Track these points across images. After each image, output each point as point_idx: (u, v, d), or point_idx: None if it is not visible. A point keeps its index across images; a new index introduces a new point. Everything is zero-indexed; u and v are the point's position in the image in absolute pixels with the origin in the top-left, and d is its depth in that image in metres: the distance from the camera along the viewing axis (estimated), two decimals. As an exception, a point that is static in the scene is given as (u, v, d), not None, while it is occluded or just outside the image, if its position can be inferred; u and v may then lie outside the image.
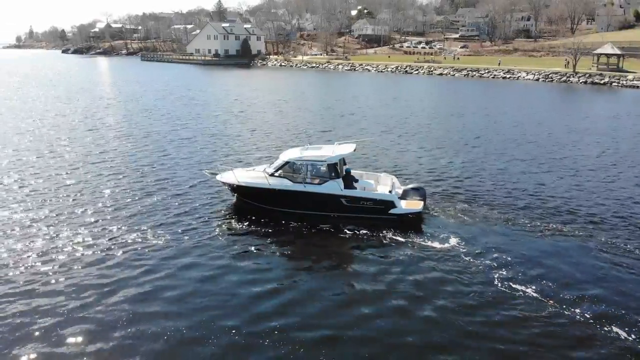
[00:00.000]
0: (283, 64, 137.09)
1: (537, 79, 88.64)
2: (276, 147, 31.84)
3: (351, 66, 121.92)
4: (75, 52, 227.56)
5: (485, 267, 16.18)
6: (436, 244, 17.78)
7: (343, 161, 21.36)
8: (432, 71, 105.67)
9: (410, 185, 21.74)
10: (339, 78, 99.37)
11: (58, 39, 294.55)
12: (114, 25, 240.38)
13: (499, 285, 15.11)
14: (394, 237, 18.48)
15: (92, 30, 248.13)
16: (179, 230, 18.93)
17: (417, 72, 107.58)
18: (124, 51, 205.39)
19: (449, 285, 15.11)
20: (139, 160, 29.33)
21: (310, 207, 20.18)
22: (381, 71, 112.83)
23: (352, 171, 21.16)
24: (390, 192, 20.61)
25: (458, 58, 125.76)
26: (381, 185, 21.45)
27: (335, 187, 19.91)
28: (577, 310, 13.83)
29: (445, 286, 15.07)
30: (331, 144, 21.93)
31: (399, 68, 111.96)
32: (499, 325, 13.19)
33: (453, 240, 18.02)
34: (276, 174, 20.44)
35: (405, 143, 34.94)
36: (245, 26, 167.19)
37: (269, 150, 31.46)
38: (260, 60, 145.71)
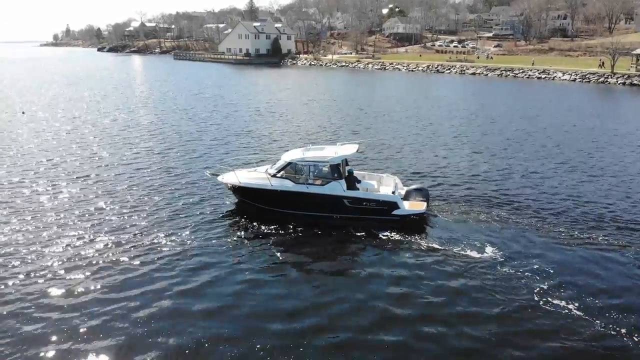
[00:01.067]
0: (313, 63, 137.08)
1: (574, 80, 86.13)
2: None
3: (381, 65, 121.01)
4: (110, 50, 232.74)
5: (489, 268, 16.16)
6: (440, 246, 17.67)
7: (345, 162, 21.14)
8: (464, 70, 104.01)
9: (413, 186, 21.51)
10: (369, 77, 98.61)
11: (94, 37, 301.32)
12: (148, 24, 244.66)
13: (504, 285, 15.08)
14: (397, 238, 18.38)
15: (127, 29, 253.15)
16: (180, 232, 18.84)
17: (449, 71, 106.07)
18: (158, 50, 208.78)
19: (454, 288, 15.01)
20: (155, 158, 29.75)
21: (313, 209, 20.06)
22: (412, 70, 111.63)
23: (354, 172, 20.99)
24: (393, 193, 20.48)
25: (491, 57, 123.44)
26: (384, 186, 21.35)
27: (337, 188, 19.78)
28: (596, 315, 13.56)
29: (450, 288, 14.97)
30: (333, 145, 21.86)
31: (431, 67, 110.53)
32: (509, 328, 13.13)
33: (456, 242, 17.91)
34: (278, 175, 20.29)
35: (425, 144, 34.30)
36: (276, 25, 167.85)
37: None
38: (290, 60, 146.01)
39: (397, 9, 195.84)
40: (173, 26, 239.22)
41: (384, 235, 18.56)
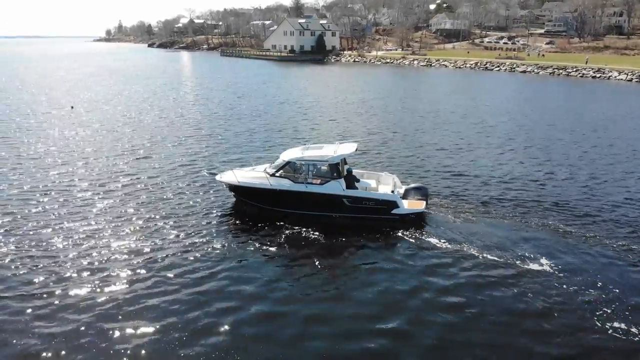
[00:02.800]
0: (357, 59, 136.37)
1: (630, 80, 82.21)
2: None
3: (427, 62, 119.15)
4: (160, 46, 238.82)
5: (488, 266, 16.20)
6: (439, 245, 17.68)
7: (344, 161, 20.96)
8: (514, 68, 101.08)
9: (412, 185, 21.42)
10: (414, 74, 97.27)
11: (145, 34, 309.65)
12: (196, 21, 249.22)
13: (505, 284, 15.18)
14: (396, 237, 18.41)
15: (176, 26, 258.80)
16: (177, 232, 18.81)
17: (498, 68, 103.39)
18: (205, 46, 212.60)
19: (454, 287, 15.02)
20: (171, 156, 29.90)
21: (312, 208, 19.95)
22: (459, 67, 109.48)
23: (352, 171, 20.83)
24: (392, 192, 20.43)
25: (543, 55, 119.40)
26: (382, 184, 21.32)
27: (337, 187, 19.67)
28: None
29: (450, 288, 15.00)
30: (332, 144, 21.67)
31: (479, 64, 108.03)
32: (509, 327, 13.23)
33: (456, 241, 17.90)
34: (277, 174, 20.16)
35: (459, 146, 33.43)
36: (321, 22, 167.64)
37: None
38: (334, 56, 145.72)
39: (444, 5, 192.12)
40: (220, 23, 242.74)
41: (383, 235, 18.60)
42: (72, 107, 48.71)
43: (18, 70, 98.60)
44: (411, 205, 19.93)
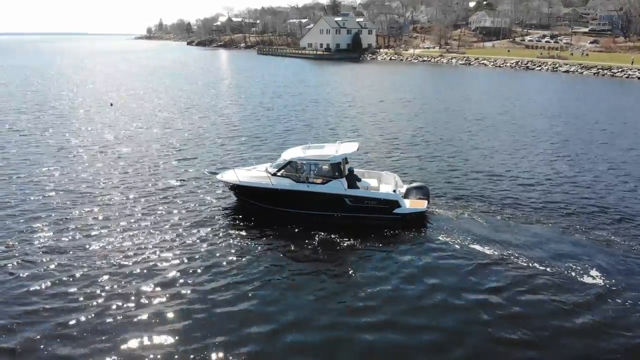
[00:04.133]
0: (393, 57, 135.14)
1: (682, 80, 78.54)
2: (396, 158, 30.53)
3: (466, 60, 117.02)
4: (198, 44, 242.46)
5: (490, 266, 16.19)
6: (441, 245, 17.63)
7: (345, 160, 20.75)
8: (556, 68, 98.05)
9: (414, 184, 21.31)
10: (452, 73, 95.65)
11: (184, 31, 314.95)
12: (234, 19, 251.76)
13: (505, 283, 15.16)
14: (398, 237, 18.39)
15: (215, 24, 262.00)
16: (178, 231, 18.74)
17: (539, 68, 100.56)
18: (243, 44, 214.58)
19: (456, 287, 14.98)
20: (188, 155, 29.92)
21: (313, 207, 19.83)
22: (499, 66, 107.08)
23: (354, 170, 20.71)
24: (394, 191, 20.34)
25: (587, 54, 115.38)
26: (384, 184, 21.26)
27: (338, 186, 19.55)
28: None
29: (451, 287, 14.94)
30: (334, 143, 21.59)
31: (520, 63, 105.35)
32: (513, 328, 13.12)
33: (458, 241, 17.84)
34: (278, 174, 20.04)
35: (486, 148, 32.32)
36: (358, 20, 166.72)
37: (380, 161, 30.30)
38: (370, 54, 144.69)
39: (485, 2, 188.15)
40: (258, 21, 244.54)
41: (384, 234, 18.51)
42: (111, 104, 49.73)
43: (63, 66, 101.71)
44: (413, 204, 19.85)
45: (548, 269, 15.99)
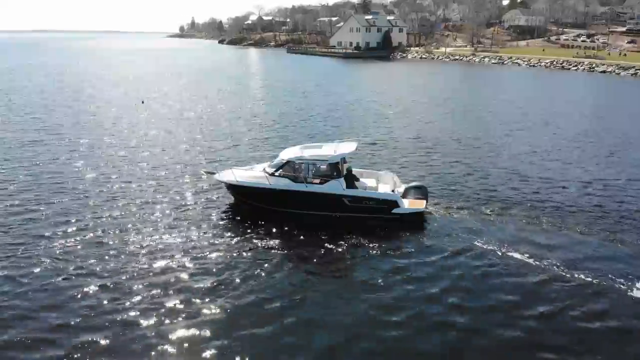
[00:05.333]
0: (424, 56, 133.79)
1: None
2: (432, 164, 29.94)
3: (499, 59, 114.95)
4: (229, 42, 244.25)
5: (489, 266, 16.15)
6: (440, 244, 17.59)
7: (344, 160, 20.69)
8: (593, 68, 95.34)
9: (412, 184, 21.22)
10: (485, 72, 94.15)
11: (216, 30, 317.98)
12: (265, 18, 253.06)
13: (507, 283, 15.13)
14: (396, 237, 18.39)
15: (246, 23, 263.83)
16: (174, 230, 18.68)
17: (575, 68, 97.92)
18: (273, 43, 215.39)
19: (456, 287, 14.93)
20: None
21: (312, 207, 19.78)
22: (533, 66, 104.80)
23: (352, 170, 20.64)
24: (393, 191, 20.33)
25: (625, 54, 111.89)
26: (382, 184, 21.19)
27: (337, 186, 19.50)
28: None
29: (451, 288, 14.88)
30: (332, 143, 21.49)
31: (555, 63, 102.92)
32: (511, 327, 13.13)
33: (456, 240, 17.85)
34: (276, 174, 19.92)
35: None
36: (389, 18, 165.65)
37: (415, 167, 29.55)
38: (400, 53, 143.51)
39: (519, 0, 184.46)
40: (288, 20, 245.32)
41: (383, 234, 18.49)
42: (142, 102, 50.48)
43: (96, 64, 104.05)
44: (412, 204, 19.81)
45: (548, 269, 15.98)
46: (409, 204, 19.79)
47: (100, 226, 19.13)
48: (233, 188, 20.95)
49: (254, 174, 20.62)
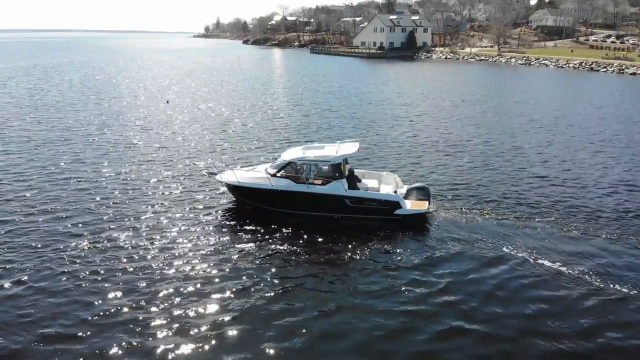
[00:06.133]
0: (449, 56, 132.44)
1: None
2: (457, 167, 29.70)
3: (526, 60, 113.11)
4: (253, 43, 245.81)
5: (492, 267, 15.99)
6: (442, 246, 17.43)
7: (345, 161, 20.62)
8: (623, 69, 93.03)
9: (415, 185, 21.10)
10: (511, 73, 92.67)
11: (240, 30, 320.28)
12: (289, 18, 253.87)
13: (508, 283, 15.07)
14: (398, 238, 18.25)
15: (270, 23, 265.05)
16: (175, 231, 18.51)
17: (604, 69, 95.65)
18: (296, 43, 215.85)
19: (457, 288, 14.82)
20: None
21: (313, 209, 19.69)
22: (561, 67, 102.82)
23: (354, 171, 20.53)
24: (395, 192, 20.21)
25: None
26: (384, 184, 21.08)
27: (339, 187, 19.37)
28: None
29: (453, 289, 14.77)
30: (334, 143, 21.37)
31: (583, 64, 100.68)
32: (521, 331, 12.97)
33: (459, 242, 17.67)
34: (278, 174, 19.79)
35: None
36: (413, 18, 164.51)
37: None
38: (424, 53, 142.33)
39: (547, 0, 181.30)
40: (312, 20, 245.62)
41: (385, 236, 18.35)
42: (167, 102, 50.86)
43: (124, 63, 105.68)
44: (414, 205, 19.64)
45: (551, 270, 15.82)
46: (411, 205, 19.63)
47: (94, 225, 18.98)
48: (234, 189, 20.79)
49: (256, 175, 20.51)
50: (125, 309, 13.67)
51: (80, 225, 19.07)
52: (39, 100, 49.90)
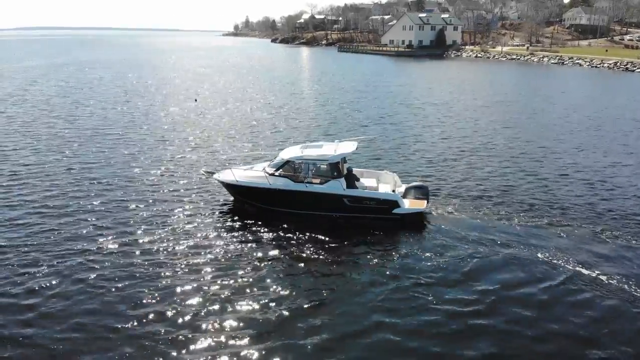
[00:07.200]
0: (479, 55, 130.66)
1: None
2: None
3: (559, 59, 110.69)
4: (281, 41, 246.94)
5: (491, 267, 15.92)
6: (441, 245, 17.36)
7: (344, 159, 20.44)
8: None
9: (413, 183, 20.91)
10: (543, 72, 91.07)
11: (269, 29, 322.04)
12: (317, 17, 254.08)
13: (509, 284, 14.94)
14: (397, 237, 18.25)
15: (298, 21, 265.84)
16: (174, 231, 18.35)
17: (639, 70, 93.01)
18: (324, 42, 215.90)
19: (457, 289, 14.72)
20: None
21: (312, 208, 19.59)
22: (595, 67, 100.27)
23: (353, 169, 20.48)
24: (393, 191, 20.20)
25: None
26: (382, 183, 21.01)
27: (337, 186, 19.29)
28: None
29: (452, 289, 14.67)
30: (332, 142, 21.25)
31: (618, 64, 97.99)
32: (506, 326, 13.04)
33: (458, 241, 17.60)
34: (276, 174, 19.69)
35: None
36: (443, 16, 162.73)
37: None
38: (454, 51, 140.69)
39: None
40: (340, 18, 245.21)
41: (383, 235, 18.32)
42: (195, 101, 51.20)
43: (154, 61, 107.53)
44: (412, 204, 19.57)
45: (552, 270, 15.73)
46: (409, 204, 19.55)
47: (99, 224, 18.99)
48: (233, 188, 20.72)
49: (254, 174, 20.39)
50: (119, 306, 13.66)
51: (73, 221, 19.14)
52: (66, 98, 51.02)
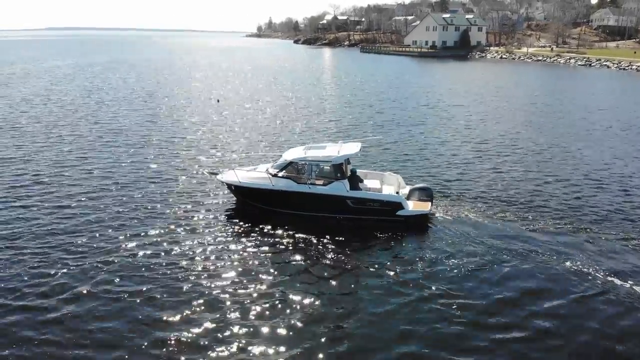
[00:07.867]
0: (504, 56, 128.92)
1: None
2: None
3: (586, 61, 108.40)
4: (304, 42, 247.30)
5: (499, 271, 15.66)
6: (445, 248, 17.17)
7: (347, 161, 20.34)
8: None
9: (417, 185, 20.84)
10: (570, 75, 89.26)
11: (292, 30, 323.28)
12: (340, 17, 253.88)
13: (510, 285, 14.85)
14: (400, 240, 18.05)
15: (321, 22, 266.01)
16: (178, 233, 18.24)
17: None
18: (346, 42, 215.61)
19: (460, 290, 14.56)
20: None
21: (315, 209, 19.47)
22: (623, 69, 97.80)
23: (356, 171, 20.33)
24: (397, 193, 20.05)
25: None
26: (386, 185, 20.83)
27: (340, 188, 19.10)
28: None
29: (456, 291, 14.50)
30: (335, 143, 21.06)
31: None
32: (507, 330, 12.88)
33: (461, 244, 17.40)
34: (279, 175, 19.59)
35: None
36: (467, 16, 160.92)
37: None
38: (478, 52, 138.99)
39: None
40: (363, 19, 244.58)
41: (387, 237, 18.13)
42: (218, 101, 51.38)
43: (178, 62, 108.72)
44: (416, 206, 19.42)
45: (557, 274, 15.52)
46: (413, 206, 19.37)
47: (101, 223, 19.01)
48: (236, 189, 20.64)
49: (257, 175, 20.34)
50: (120, 304, 13.71)
51: (72, 220, 19.23)
52: (89, 98, 51.74)
